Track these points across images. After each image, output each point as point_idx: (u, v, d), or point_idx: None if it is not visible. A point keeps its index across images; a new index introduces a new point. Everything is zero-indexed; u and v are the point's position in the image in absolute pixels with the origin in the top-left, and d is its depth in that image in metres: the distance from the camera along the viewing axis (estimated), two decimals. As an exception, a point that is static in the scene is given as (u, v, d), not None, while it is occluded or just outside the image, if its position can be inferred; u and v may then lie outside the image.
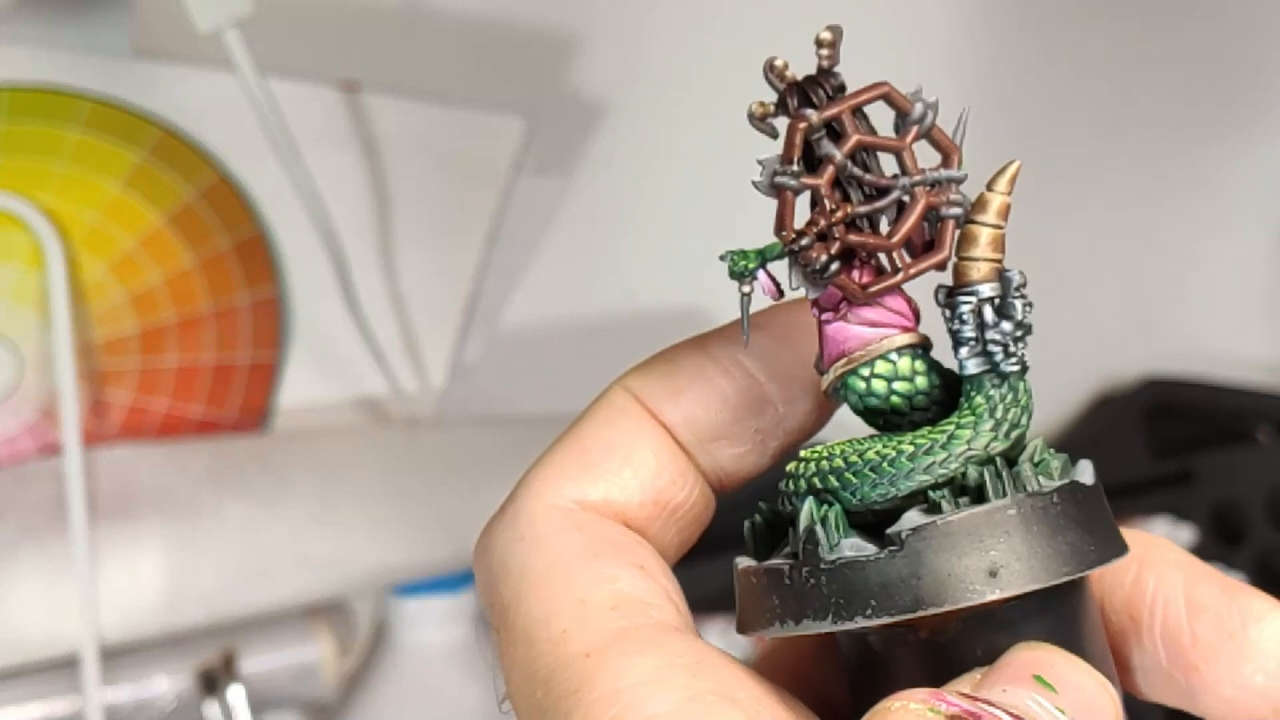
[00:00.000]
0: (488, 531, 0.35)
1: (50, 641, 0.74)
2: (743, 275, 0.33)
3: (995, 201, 0.33)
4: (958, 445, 0.32)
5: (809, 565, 0.32)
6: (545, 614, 0.33)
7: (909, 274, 0.33)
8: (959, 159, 0.33)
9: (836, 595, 0.32)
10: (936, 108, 0.32)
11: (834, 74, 0.33)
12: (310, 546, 0.77)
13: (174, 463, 0.77)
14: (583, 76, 0.91)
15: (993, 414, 0.33)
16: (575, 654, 0.32)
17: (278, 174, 0.78)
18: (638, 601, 0.33)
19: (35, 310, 0.77)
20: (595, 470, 0.35)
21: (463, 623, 0.83)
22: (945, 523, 0.31)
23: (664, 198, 0.95)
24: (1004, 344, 0.33)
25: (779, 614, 0.33)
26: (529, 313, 0.92)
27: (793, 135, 0.32)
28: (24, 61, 0.76)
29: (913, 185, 0.32)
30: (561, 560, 0.33)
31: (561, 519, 0.34)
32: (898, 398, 0.33)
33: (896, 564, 0.31)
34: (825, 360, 0.34)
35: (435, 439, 0.82)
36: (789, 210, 0.32)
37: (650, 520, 0.35)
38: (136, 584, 0.75)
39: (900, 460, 0.32)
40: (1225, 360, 1.03)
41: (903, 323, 0.33)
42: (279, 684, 0.80)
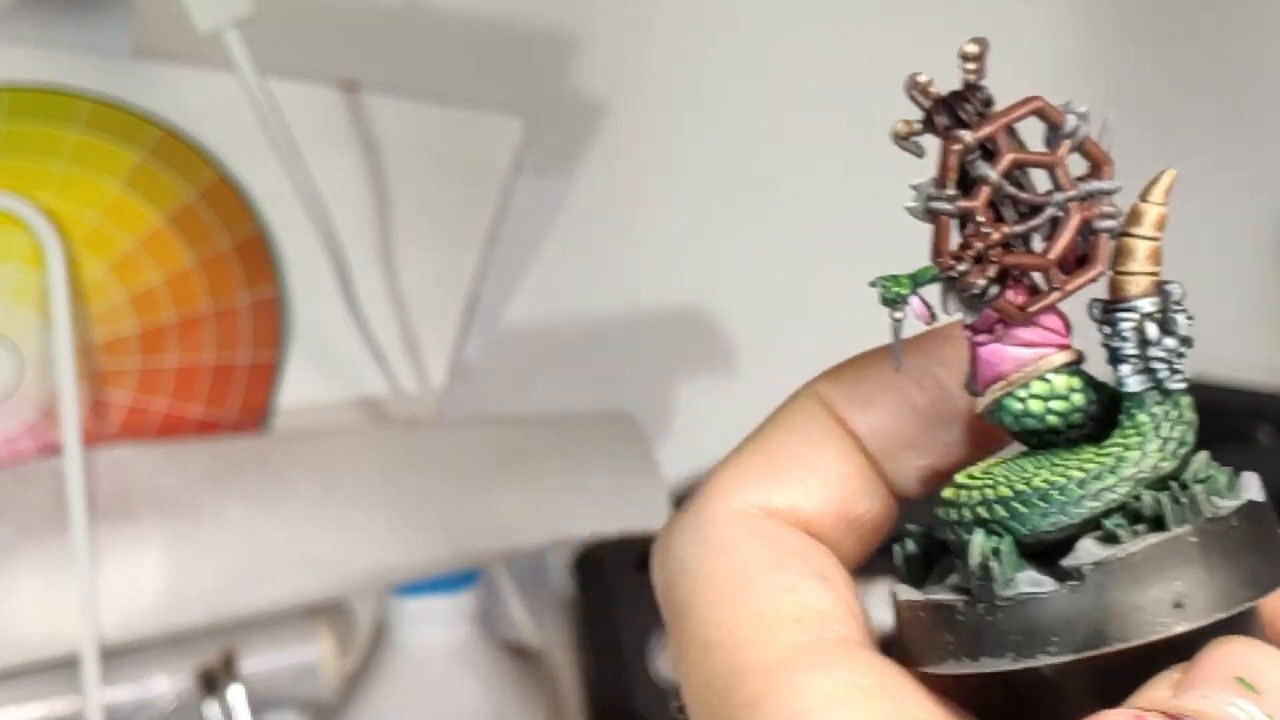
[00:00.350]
0: (668, 531, 0.35)
1: (50, 641, 0.74)
2: (895, 302, 0.32)
3: (1151, 213, 0.32)
4: (1126, 468, 0.31)
5: (984, 601, 0.31)
6: (723, 621, 0.32)
7: (1066, 291, 0.32)
8: (1111, 170, 0.32)
9: (1015, 632, 0.31)
10: (1088, 118, 0.32)
11: (980, 88, 0.32)
12: (310, 546, 0.77)
13: (174, 463, 0.77)
14: (583, 76, 0.91)
15: (1158, 432, 0.32)
16: (754, 666, 0.31)
17: (278, 174, 0.78)
18: (820, 614, 0.32)
19: (35, 310, 0.77)
20: (781, 476, 0.34)
21: (463, 623, 0.83)
22: (1127, 555, 0.30)
23: (664, 198, 0.95)
24: (1169, 360, 0.32)
25: (953, 651, 0.31)
26: (529, 313, 0.92)
27: (948, 158, 0.31)
28: (24, 61, 0.76)
29: (1066, 200, 0.31)
30: (743, 567, 0.33)
31: (744, 524, 0.34)
32: (1054, 417, 0.33)
33: (1078, 599, 0.30)
34: (979, 382, 0.33)
35: (435, 439, 0.82)
36: (945, 235, 0.31)
37: (832, 529, 0.34)
38: (136, 584, 0.75)
39: (1070, 488, 0.31)
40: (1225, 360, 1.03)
41: (1058, 340, 0.33)
42: (279, 684, 0.80)
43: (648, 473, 0.82)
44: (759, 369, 0.95)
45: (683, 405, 0.95)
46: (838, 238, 0.97)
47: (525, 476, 0.81)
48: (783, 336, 0.96)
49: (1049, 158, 0.32)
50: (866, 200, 0.98)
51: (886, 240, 1.05)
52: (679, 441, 0.93)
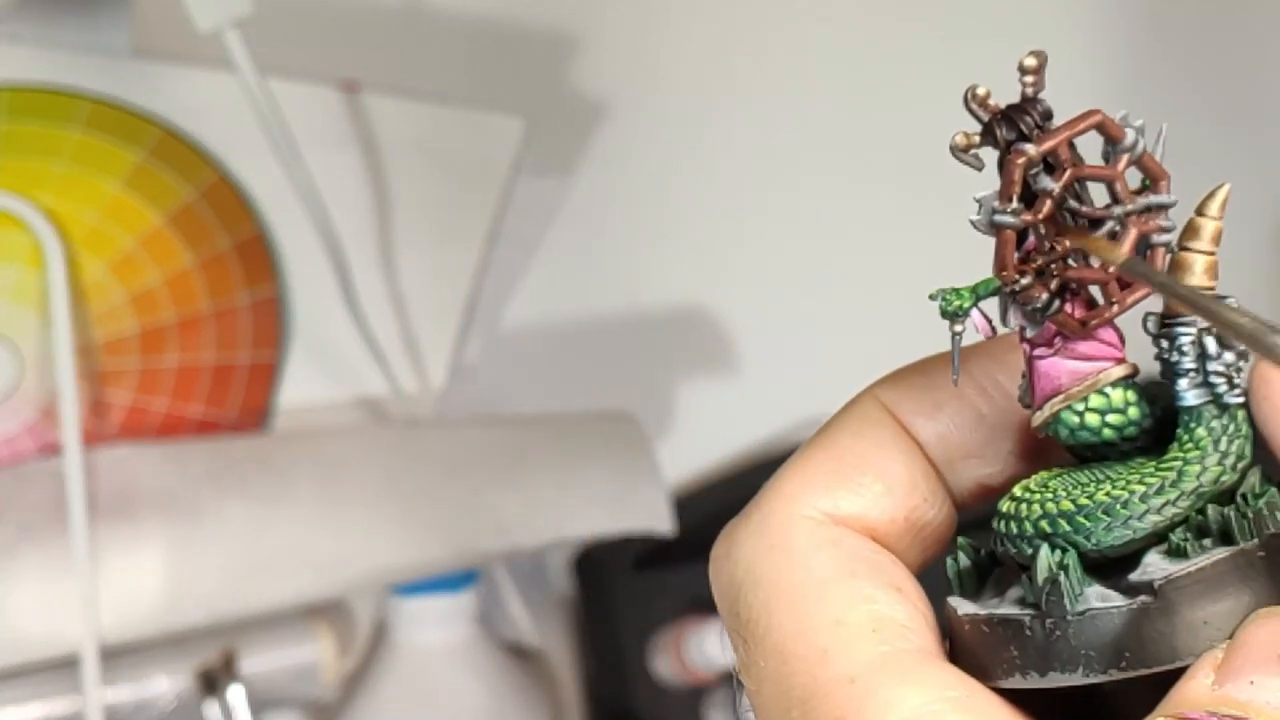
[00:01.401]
0: (731, 536, 0.34)
1: (50, 641, 0.74)
2: (956, 315, 0.32)
3: (1208, 227, 0.32)
4: (1188, 482, 0.31)
5: (1053, 617, 0.31)
6: (800, 631, 0.32)
7: (1125, 305, 0.32)
8: (1168, 184, 0.32)
9: (1086, 648, 0.31)
10: (1144, 132, 0.32)
11: (1039, 101, 0.32)
12: (310, 546, 0.77)
13: (174, 463, 0.77)
14: (583, 76, 0.91)
15: (1217, 446, 0.32)
16: (837, 677, 0.31)
17: (278, 174, 0.78)
18: (898, 625, 0.32)
19: (35, 310, 0.77)
20: (848, 483, 0.34)
21: (463, 623, 0.83)
22: (1199, 569, 0.30)
23: (664, 198, 0.95)
24: (1227, 375, 0.32)
25: (1020, 665, 0.31)
26: (529, 313, 0.92)
27: (1012, 172, 0.31)
28: (24, 61, 0.76)
29: (1125, 214, 0.31)
30: (816, 575, 0.32)
31: (814, 531, 0.33)
32: (1110, 430, 0.33)
33: (1150, 614, 0.30)
34: (1036, 396, 0.33)
35: (435, 439, 0.82)
36: (1009, 249, 0.31)
37: (899, 538, 0.34)
38: (136, 584, 0.75)
39: (1133, 502, 0.31)
40: (1225, 360, 1.03)
41: (1115, 354, 0.33)
42: (279, 684, 0.80)
43: (648, 473, 0.82)
44: (759, 369, 0.95)
45: (683, 405, 0.95)
46: (837, 238, 0.97)
47: (525, 476, 0.81)
48: (783, 336, 0.96)
49: (1110, 172, 0.32)
50: (866, 200, 0.98)
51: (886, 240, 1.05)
52: (679, 441, 0.93)
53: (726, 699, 0.88)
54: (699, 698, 0.88)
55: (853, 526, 0.34)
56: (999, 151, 0.32)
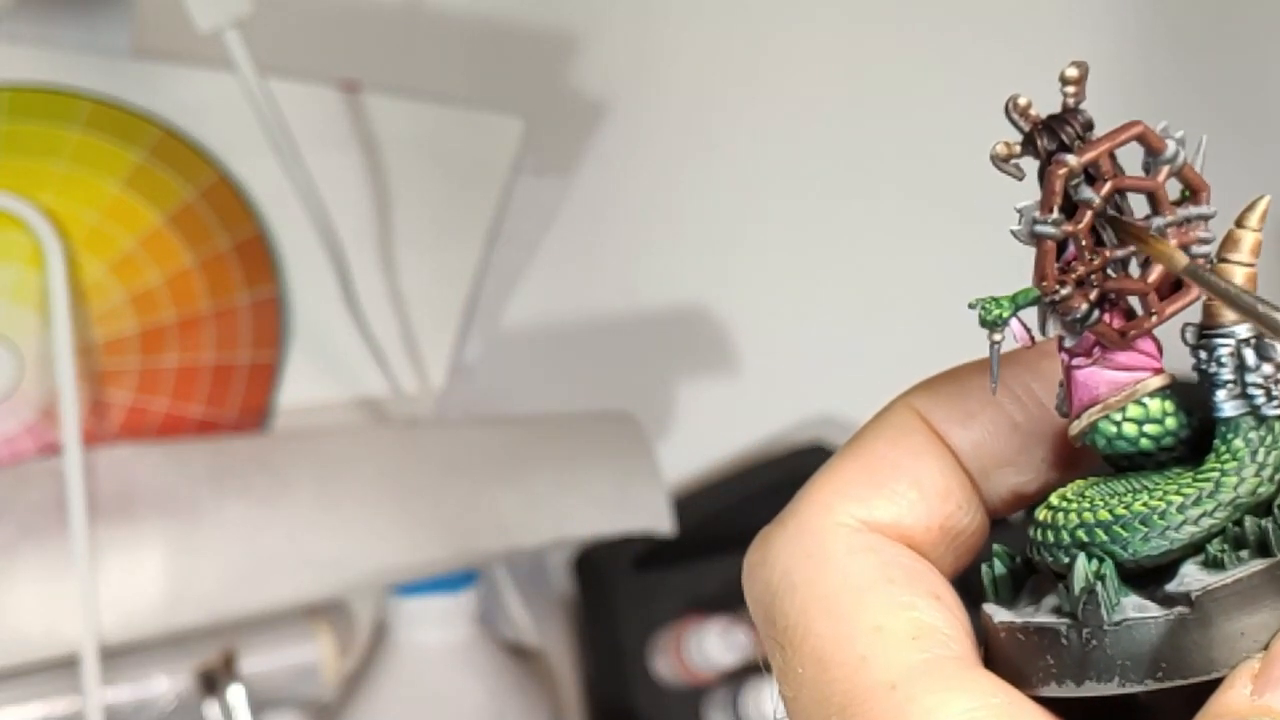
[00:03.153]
0: (765, 543, 0.34)
1: (50, 641, 0.74)
2: (995, 324, 0.32)
3: (1248, 239, 0.32)
4: (1225, 493, 0.31)
5: (1090, 626, 0.31)
6: (839, 637, 0.32)
7: (1164, 316, 0.32)
8: (1208, 195, 0.32)
9: (1122, 657, 0.31)
10: (1184, 143, 0.32)
11: (1080, 111, 0.32)
12: (310, 546, 0.77)
13: (174, 463, 0.77)
14: (583, 76, 0.91)
15: (1255, 458, 0.32)
16: (878, 684, 0.31)
17: (278, 174, 0.78)
18: (937, 633, 0.32)
19: (35, 310, 0.77)
20: (883, 490, 0.34)
21: (463, 623, 0.83)
22: (1235, 580, 0.30)
23: (663, 198, 0.95)
24: (1266, 387, 0.32)
25: (1055, 674, 0.31)
26: (529, 313, 0.92)
27: (1053, 182, 0.31)
28: (24, 61, 0.76)
29: (1166, 226, 0.31)
30: (854, 583, 0.32)
31: (851, 538, 0.33)
32: (1147, 440, 0.33)
33: (1186, 625, 0.30)
34: (1074, 406, 0.33)
35: (435, 439, 0.82)
36: (1049, 259, 0.31)
37: (934, 546, 0.34)
38: (136, 584, 0.75)
39: (1170, 512, 0.31)
40: (1225, 360, 1.03)
41: (1153, 364, 0.33)
42: (279, 684, 0.80)
43: (648, 473, 0.82)
44: (759, 369, 0.95)
45: (683, 405, 0.95)
46: (838, 238, 0.97)
47: (525, 476, 0.81)
48: (783, 336, 0.96)
49: (1150, 183, 0.32)
50: (866, 201, 0.98)
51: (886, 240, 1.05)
52: (679, 441, 0.93)
53: (727, 699, 0.88)
54: (699, 698, 0.88)
55: (888, 534, 0.34)
56: (1039, 161, 0.32)
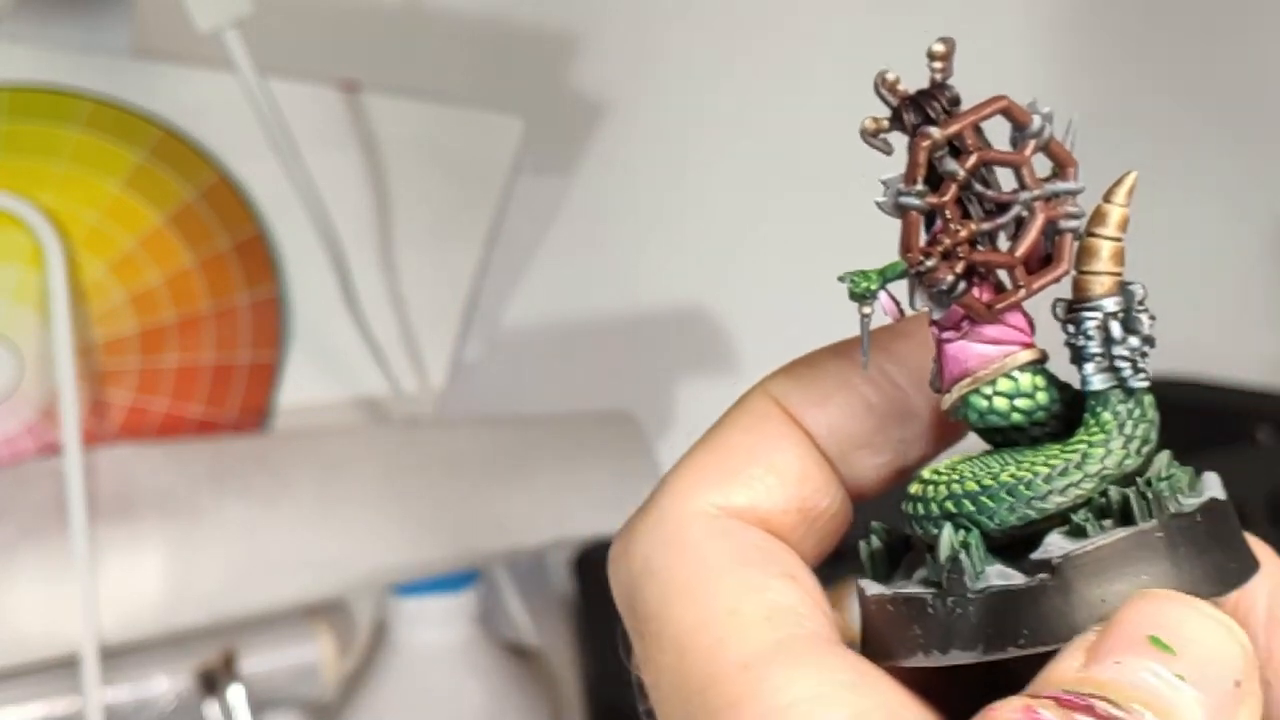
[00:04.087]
0: (627, 534, 0.34)
1: (50, 641, 0.74)
2: (864, 297, 0.33)
3: (1115, 213, 0.32)
4: (1092, 464, 0.32)
5: (955, 595, 0.31)
6: (696, 622, 0.32)
7: (1032, 290, 0.32)
8: (1075, 170, 0.32)
9: (987, 625, 0.31)
10: (1053, 119, 0.32)
11: (947, 87, 0.32)
12: (310, 546, 0.77)
13: (174, 463, 0.77)
14: (583, 76, 0.91)
15: (1122, 430, 0.32)
16: (732, 665, 0.31)
17: (278, 174, 0.78)
18: (791, 612, 0.32)
19: (35, 310, 0.77)
20: (739, 476, 0.34)
21: (463, 623, 0.83)
22: (1097, 548, 0.31)
23: (663, 197, 0.95)
24: (1132, 359, 0.32)
25: (923, 644, 0.32)
26: (529, 313, 0.92)
27: (917, 154, 0.31)
28: (24, 61, 0.76)
29: (1032, 199, 0.32)
30: (710, 567, 0.33)
31: (708, 525, 0.33)
32: (1019, 414, 0.33)
33: (1048, 592, 0.31)
34: (945, 379, 0.33)
35: (435, 439, 0.82)
36: (914, 231, 0.32)
37: (793, 528, 0.34)
38: (136, 584, 0.75)
39: (1036, 483, 0.32)
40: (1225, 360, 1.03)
41: (1023, 339, 0.33)
42: (279, 684, 0.80)
43: (648, 473, 0.82)
44: (759, 369, 0.95)
45: (683, 405, 0.95)
46: (838, 237, 0.97)
47: (525, 476, 0.81)
48: (783, 336, 0.96)
49: (1015, 156, 0.32)
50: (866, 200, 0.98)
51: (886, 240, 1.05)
52: (679, 441, 0.93)
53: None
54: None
55: (745, 518, 0.34)
56: (907, 136, 0.32)
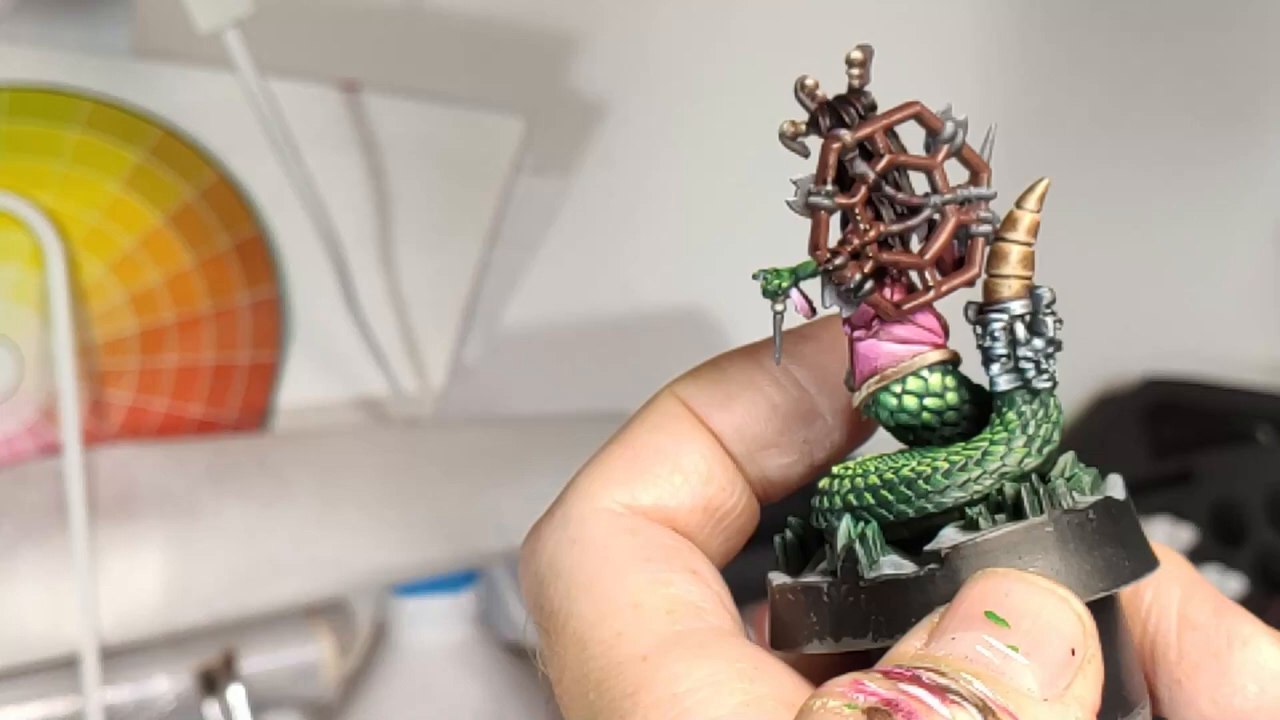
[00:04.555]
0: (535, 534, 0.35)
1: (50, 641, 0.74)
2: (776, 294, 0.33)
3: (1025, 219, 0.33)
4: (992, 462, 0.33)
5: (848, 583, 0.32)
6: (598, 616, 0.33)
7: (940, 291, 0.33)
8: (988, 177, 0.33)
9: (877, 613, 0.32)
10: (966, 126, 0.33)
11: (865, 93, 0.33)
12: (310, 546, 0.77)
13: (174, 463, 0.77)
14: (583, 76, 0.91)
15: (1025, 430, 0.33)
16: (631, 656, 0.32)
17: (278, 174, 0.78)
18: (692, 606, 0.33)
19: (35, 310, 0.77)
20: (645, 475, 0.35)
21: (463, 623, 0.83)
22: (984, 540, 0.31)
23: (664, 198, 0.95)
24: (1036, 360, 0.33)
25: (817, 631, 0.33)
26: (529, 313, 0.92)
27: (826, 156, 0.32)
28: (24, 61, 0.76)
29: (944, 203, 0.33)
30: (614, 563, 0.33)
31: (612, 522, 0.34)
32: (929, 414, 0.34)
33: (937, 581, 0.31)
34: (857, 377, 0.34)
35: (435, 439, 0.82)
36: (823, 230, 0.32)
37: (699, 527, 0.35)
38: (136, 584, 0.75)
39: (935, 477, 0.32)
40: (1225, 360, 1.03)
41: (934, 339, 0.34)
42: (279, 684, 0.80)
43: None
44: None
45: (683, 405, 0.95)
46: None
47: (525, 476, 0.81)
48: (783, 336, 0.96)
49: (926, 161, 0.33)
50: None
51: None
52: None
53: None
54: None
55: (651, 516, 0.35)
56: (821, 139, 0.33)
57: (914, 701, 0.28)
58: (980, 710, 0.28)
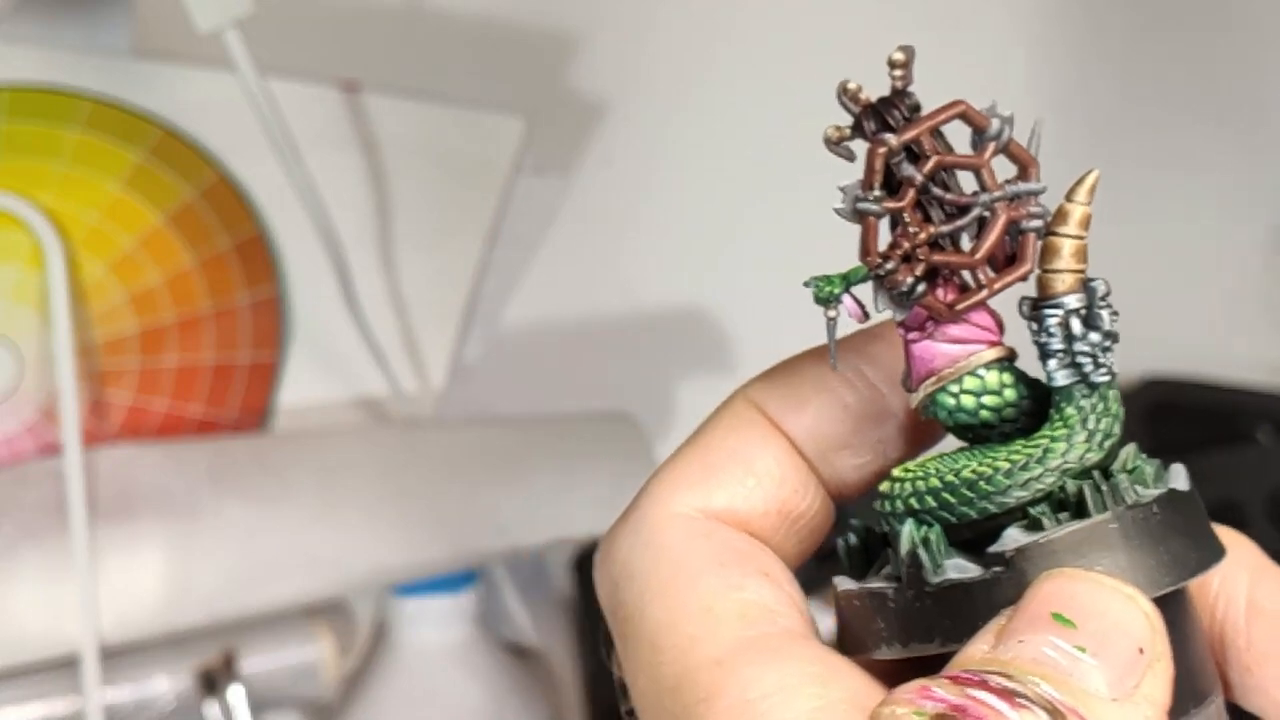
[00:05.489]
0: (610, 538, 0.35)
1: (50, 641, 0.74)
2: (828, 301, 0.34)
3: (1076, 212, 0.33)
4: (1053, 459, 0.32)
5: (913, 588, 0.32)
6: (671, 621, 0.33)
7: (994, 289, 0.33)
8: (1037, 171, 0.33)
9: (944, 617, 0.32)
10: (1012, 122, 0.33)
11: (908, 94, 0.33)
12: (310, 546, 0.77)
13: (174, 463, 0.77)
14: (583, 76, 0.91)
15: (1085, 425, 0.33)
16: (704, 661, 0.32)
17: (278, 174, 0.78)
18: (765, 609, 0.33)
19: (35, 310, 0.77)
20: (719, 478, 0.35)
21: (463, 623, 0.83)
22: (1049, 540, 0.31)
23: (664, 198, 0.95)
24: (1093, 354, 0.33)
25: (884, 637, 0.33)
26: (529, 313, 0.92)
27: (873, 160, 0.32)
28: (24, 61, 0.76)
29: (993, 201, 0.32)
30: (687, 567, 0.34)
31: (686, 526, 0.34)
32: (987, 412, 0.34)
33: (1003, 584, 0.31)
34: (913, 379, 0.34)
35: (435, 439, 0.82)
36: (873, 235, 0.33)
37: (773, 530, 0.35)
38: (136, 584, 0.75)
39: (997, 478, 0.32)
40: (1225, 360, 1.03)
41: (989, 337, 0.33)
42: (279, 684, 0.80)
43: (647, 473, 0.82)
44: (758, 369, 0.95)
45: (683, 405, 0.95)
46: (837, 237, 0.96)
47: (525, 476, 0.81)
48: (783, 336, 0.96)
49: (973, 159, 0.33)
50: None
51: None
52: (679, 441, 0.93)
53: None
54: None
55: (725, 520, 0.35)
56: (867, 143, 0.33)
57: (982, 706, 0.28)
58: (1049, 713, 0.28)
